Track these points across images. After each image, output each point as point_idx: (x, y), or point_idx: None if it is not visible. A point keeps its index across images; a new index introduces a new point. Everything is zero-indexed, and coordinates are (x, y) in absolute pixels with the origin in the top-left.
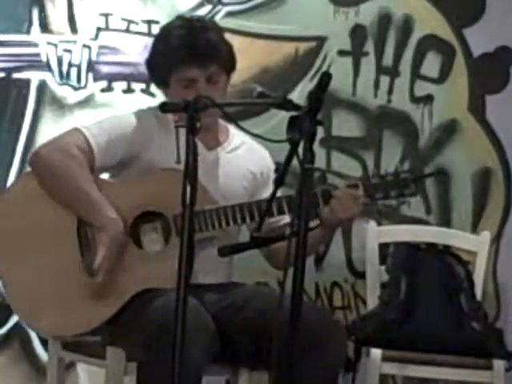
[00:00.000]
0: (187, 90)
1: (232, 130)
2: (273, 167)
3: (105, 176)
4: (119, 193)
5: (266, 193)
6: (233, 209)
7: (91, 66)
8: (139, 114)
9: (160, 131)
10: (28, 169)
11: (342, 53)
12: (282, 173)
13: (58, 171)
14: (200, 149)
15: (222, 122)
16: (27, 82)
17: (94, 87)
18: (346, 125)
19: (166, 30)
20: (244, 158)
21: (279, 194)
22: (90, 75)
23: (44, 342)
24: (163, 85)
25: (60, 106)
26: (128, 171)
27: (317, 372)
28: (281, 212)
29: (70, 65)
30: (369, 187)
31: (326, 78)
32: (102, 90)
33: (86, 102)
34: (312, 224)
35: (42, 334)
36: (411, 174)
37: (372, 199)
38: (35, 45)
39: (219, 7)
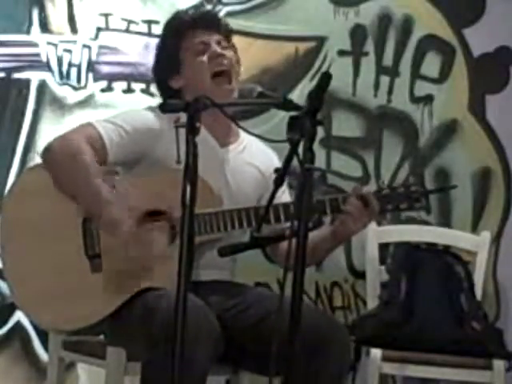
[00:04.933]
0: (202, 56)
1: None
2: None
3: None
4: (128, 190)
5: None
6: (239, 213)
7: (91, 66)
8: (153, 111)
9: (171, 130)
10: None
11: (342, 53)
12: (282, 173)
13: (66, 167)
14: (213, 145)
15: None
16: (27, 82)
17: (94, 87)
18: (346, 125)
19: (170, 19)
20: (255, 158)
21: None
22: (90, 75)
23: (44, 342)
24: (176, 68)
25: (60, 105)
26: (140, 167)
27: (321, 374)
28: (280, 220)
29: (70, 65)
30: (379, 199)
31: (326, 78)
32: (102, 90)
33: (86, 102)
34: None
35: (43, 328)
36: (422, 188)
37: (382, 211)
38: (35, 45)
39: (219, 7)
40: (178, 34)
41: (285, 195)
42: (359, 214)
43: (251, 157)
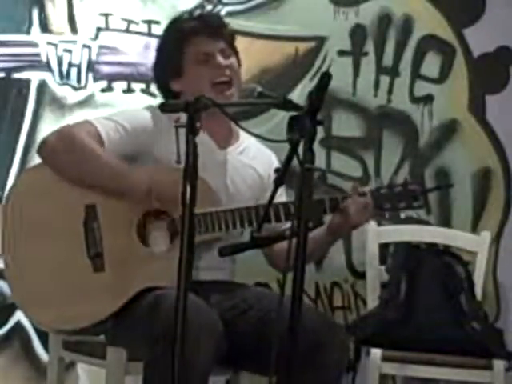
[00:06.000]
0: (205, 67)
1: (242, 131)
2: None
3: None
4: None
5: None
6: (240, 212)
7: (91, 66)
8: (152, 110)
9: (170, 129)
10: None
11: (342, 53)
12: (282, 173)
13: (67, 154)
14: (212, 147)
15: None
16: (27, 82)
17: (94, 87)
18: (346, 125)
19: (173, 20)
20: (253, 159)
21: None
22: (90, 75)
23: (44, 342)
24: (177, 73)
25: (60, 105)
26: (136, 165)
27: (318, 376)
28: (280, 219)
29: (70, 65)
30: (378, 198)
31: (326, 78)
32: (102, 90)
33: (86, 102)
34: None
35: (42, 328)
36: (419, 187)
37: (380, 210)
38: (35, 45)
39: (219, 7)
40: (180, 40)
41: (282, 196)
42: (359, 211)
43: (250, 159)
